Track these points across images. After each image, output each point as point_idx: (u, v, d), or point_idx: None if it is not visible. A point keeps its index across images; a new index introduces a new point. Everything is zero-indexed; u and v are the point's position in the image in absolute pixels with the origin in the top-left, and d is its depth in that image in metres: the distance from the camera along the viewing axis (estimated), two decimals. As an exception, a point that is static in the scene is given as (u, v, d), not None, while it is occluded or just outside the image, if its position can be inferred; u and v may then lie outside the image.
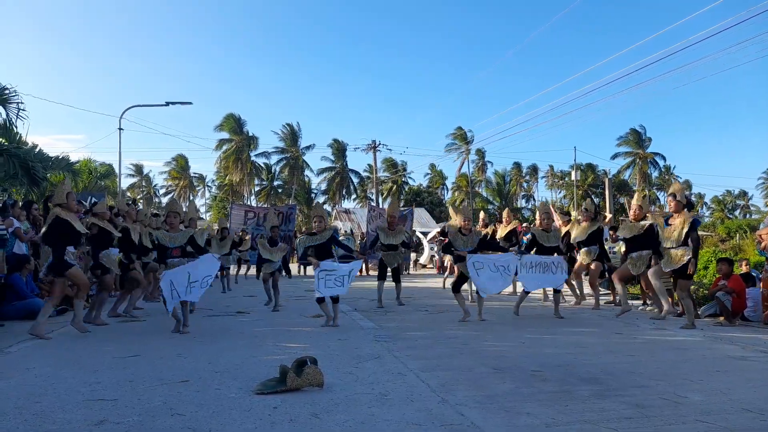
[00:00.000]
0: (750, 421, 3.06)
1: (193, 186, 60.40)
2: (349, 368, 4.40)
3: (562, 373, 4.22)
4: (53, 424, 3.02)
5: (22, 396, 3.58)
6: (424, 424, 3.01)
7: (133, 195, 59.17)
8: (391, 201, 17.09)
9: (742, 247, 16.54)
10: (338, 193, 52.85)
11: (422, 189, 53.66)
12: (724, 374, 4.25)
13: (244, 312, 8.29)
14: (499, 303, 9.48)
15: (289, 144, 51.41)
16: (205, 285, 6.40)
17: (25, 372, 4.31)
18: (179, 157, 56.94)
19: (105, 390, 3.72)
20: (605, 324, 7.12)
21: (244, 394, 3.61)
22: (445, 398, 3.51)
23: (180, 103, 22.19)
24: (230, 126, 50.10)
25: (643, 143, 54.44)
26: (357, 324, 7.08)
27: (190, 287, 6.19)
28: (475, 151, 55.79)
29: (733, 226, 27.42)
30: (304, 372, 3.67)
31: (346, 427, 2.95)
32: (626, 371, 4.31)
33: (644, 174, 53.91)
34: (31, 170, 12.60)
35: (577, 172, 47.86)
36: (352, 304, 9.37)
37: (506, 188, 58.03)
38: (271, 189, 52.98)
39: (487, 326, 6.84)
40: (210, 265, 6.49)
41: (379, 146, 40.78)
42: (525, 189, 63.08)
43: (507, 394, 3.62)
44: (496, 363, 4.59)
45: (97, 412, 3.23)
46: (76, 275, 6.09)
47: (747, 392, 3.69)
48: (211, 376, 4.13)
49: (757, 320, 7.20)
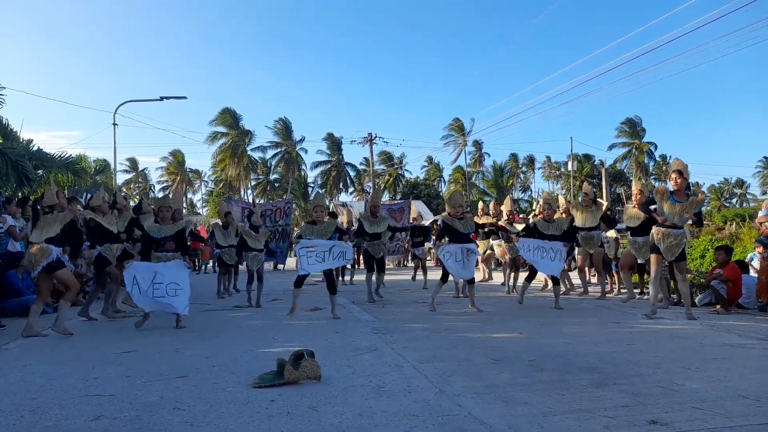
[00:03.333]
0: (746, 408, 3.07)
1: (190, 181, 60.29)
2: (347, 361, 4.40)
3: (560, 363, 4.23)
4: (50, 420, 3.02)
5: (19, 392, 3.58)
6: (422, 415, 3.01)
7: (128, 191, 59.07)
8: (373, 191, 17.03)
9: (739, 236, 16.55)
10: (335, 186, 52.81)
11: (419, 181, 53.63)
12: (721, 362, 4.26)
13: (242, 306, 8.29)
14: (495, 294, 9.50)
15: (284, 138, 51.30)
16: (177, 298, 6.11)
17: (23, 368, 4.30)
18: (176, 152, 56.82)
19: (102, 385, 3.72)
20: (603, 314, 7.14)
21: (242, 387, 3.61)
22: (443, 389, 3.51)
23: (174, 97, 21.94)
24: (226, 120, 49.96)
25: (638, 133, 54.47)
26: (354, 316, 7.08)
27: (153, 287, 6.04)
28: (473, 143, 55.78)
29: (730, 214, 27.46)
30: (301, 365, 3.67)
31: (343, 419, 2.95)
32: (623, 360, 4.32)
33: (640, 164, 53.96)
34: (19, 169, 12.44)
35: (574, 163, 47.85)
36: (349, 297, 9.38)
37: (503, 179, 58.02)
38: (268, 183, 52.91)
39: (484, 317, 6.85)
40: (180, 272, 6.26)
41: (375, 139, 40.70)
42: (522, 180, 63.10)
43: (505, 384, 3.62)
44: (493, 353, 4.60)
45: (95, 407, 3.22)
46: (65, 277, 5.97)
47: (743, 379, 3.70)
48: (209, 370, 4.13)
49: (752, 307, 7.23)
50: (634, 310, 7.29)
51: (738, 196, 67.72)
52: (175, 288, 6.15)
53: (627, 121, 54.63)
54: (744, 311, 7.21)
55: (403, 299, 9.10)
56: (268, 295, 9.73)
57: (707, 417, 2.91)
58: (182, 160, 57.63)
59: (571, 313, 7.18)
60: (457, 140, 53.76)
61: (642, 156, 54.05)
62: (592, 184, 53.22)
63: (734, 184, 68.30)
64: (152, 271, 6.15)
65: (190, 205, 60.25)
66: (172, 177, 57.49)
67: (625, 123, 54.70)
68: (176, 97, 22.11)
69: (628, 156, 55.12)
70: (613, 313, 7.09)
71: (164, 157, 57.42)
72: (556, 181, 60.09)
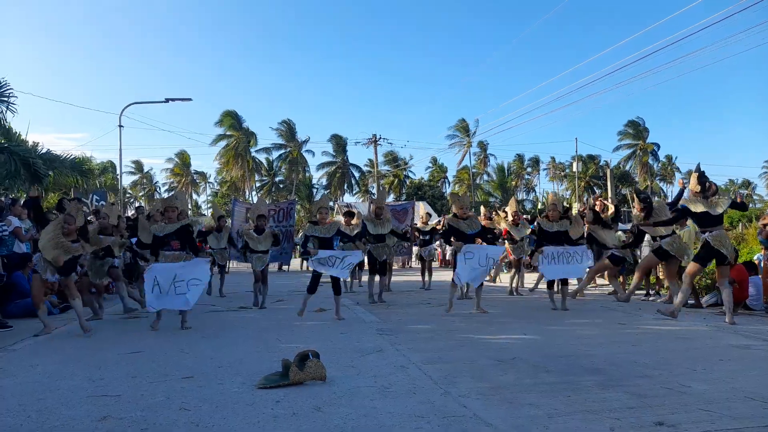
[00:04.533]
0: (753, 410, 3.05)
1: (195, 182, 60.44)
2: (352, 362, 4.40)
3: (565, 364, 4.22)
4: (57, 421, 3.03)
5: (26, 393, 3.60)
6: (427, 416, 3.01)
7: (134, 193, 59.28)
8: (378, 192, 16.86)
9: (745, 237, 16.46)
10: (339, 187, 52.85)
11: (423, 183, 53.60)
12: (727, 363, 4.24)
13: (247, 307, 8.30)
14: (499, 296, 9.49)
15: (288, 139, 51.40)
16: (194, 288, 6.20)
17: (30, 369, 4.33)
18: (182, 153, 56.98)
19: (108, 386, 3.73)
20: (608, 315, 7.12)
21: (247, 388, 3.62)
22: (448, 390, 3.51)
23: (180, 99, 21.98)
24: (229, 122, 50.09)
25: (641, 134, 54.29)
26: (359, 318, 7.09)
27: (174, 286, 6.11)
28: (477, 143, 55.73)
29: (736, 215, 27.34)
30: (306, 366, 3.68)
31: (348, 420, 2.95)
32: (629, 361, 4.31)
33: (645, 164, 53.76)
34: (32, 167, 12.58)
35: (579, 164, 47.71)
36: (353, 298, 9.38)
37: (507, 180, 57.91)
38: (272, 185, 53.01)
39: (489, 318, 6.84)
40: (199, 268, 6.37)
41: (379, 140, 40.72)
42: (526, 181, 62.96)
43: (509, 386, 3.62)
44: (498, 355, 4.59)
45: (101, 408, 3.24)
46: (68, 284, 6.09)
47: (750, 381, 3.68)
48: (214, 371, 4.14)
49: (760, 309, 7.19)
50: (639, 311, 7.27)
51: (744, 197, 67.30)
52: (196, 283, 6.26)
53: (630, 123, 54.50)
54: (751, 312, 7.17)
55: (407, 301, 9.09)
56: (273, 297, 9.76)
57: (714, 418, 2.90)
58: (188, 162, 57.81)
59: (576, 315, 7.16)
60: (462, 141, 53.72)
61: (646, 157, 53.85)
62: (598, 185, 52.64)
63: (740, 185, 67.94)
64: (173, 272, 6.20)
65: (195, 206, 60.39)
66: (177, 178, 57.65)
67: (629, 125, 54.57)
68: (181, 98, 22.15)
69: (632, 157, 54.94)
70: (618, 315, 7.07)
71: (170, 159, 57.66)
72: (561, 182, 59.95)
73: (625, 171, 54.20)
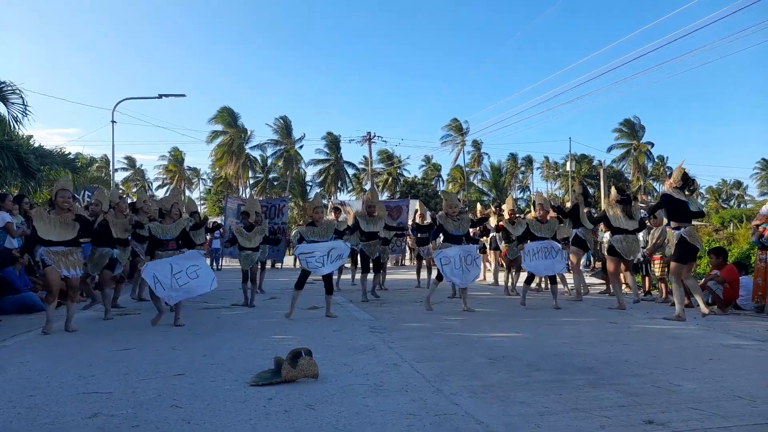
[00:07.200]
0: (741, 408, 3.08)
1: (189, 179, 60.18)
2: (344, 359, 4.40)
3: (557, 363, 4.24)
4: (47, 418, 3.01)
5: (17, 390, 3.57)
6: (419, 413, 3.02)
7: (127, 189, 58.95)
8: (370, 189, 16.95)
9: (736, 237, 16.60)
10: (333, 185, 52.78)
11: (417, 181, 53.64)
12: (717, 362, 4.27)
13: (239, 305, 8.28)
14: (493, 294, 9.51)
15: (284, 136, 51.26)
16: (200, 272, 6.23)
17: (20, 366, 4.30)
18: (175, 150, 56.73)
19: (99, 383, 3.71)
20: (601, 314, 7.16)
21: (239, 386, 3.61)
22: (440, 388, 3.52)
23: (173, 95, 22.01)
24: (224, 119, 49.90)
25: (637, 133, 54.54)
26: (352, 315, 7.09)
27: (174, 277, 6.10)
28: (471, 143, 55.83)
29: (728, 215, 27.55)
30: (298, 363, 3.67)
31: (340, 418, 2.96)
32: (620, 360, 4.33)
33: (638, 164, 54.02)
34: (24, 162, 12.49)
35: (572, 163, 47.89)
36: (347, 296, 9.38)
37: (501, 180, 58.06)
38: (266, 182, 52.86)
39: (482, 317, 6.86)
40: (189, 254, 6.38)
41: (374, 138, 40.67)
42: (520, 180, 63.14)
43: (502, 384, 3.63)
44: (491, 353, 4.61)
45: (91, 405, 3.22)
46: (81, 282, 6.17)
47: (739, 380, 3.71)
48: (206, 368, 4.13)
49: (750, 308, 7.25)
50: (631, 311, 7.31)
51: (736, 198, 67.82)
52: (195, 269, 6.22)
53: (625, 121, 54.70)
54: (741, 312, 7.23)
55: (400, 298, 9.10)
56: (265, 294, 9.75)
57: (703, 417, 2.92)
58: (181, 158, 57.56)
59: (569, 314, 7.19)
60: (455, 140, 53.79)
61: (642, 157, 54.11)
62: (591, 185, 52.96)
63: (732, 186, 68.41)
64: (167, 264, 6.18)
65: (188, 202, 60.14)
66: (170, 175, 57.39)
67: (624, 123, 54.78)
68: (175, 94, 22.19)
69: (626, 156, 55.18)
70: (610, 314, 7.11)
71: (163, 155, 57.39)
72: (555, 182, 60.18)
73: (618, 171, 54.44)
